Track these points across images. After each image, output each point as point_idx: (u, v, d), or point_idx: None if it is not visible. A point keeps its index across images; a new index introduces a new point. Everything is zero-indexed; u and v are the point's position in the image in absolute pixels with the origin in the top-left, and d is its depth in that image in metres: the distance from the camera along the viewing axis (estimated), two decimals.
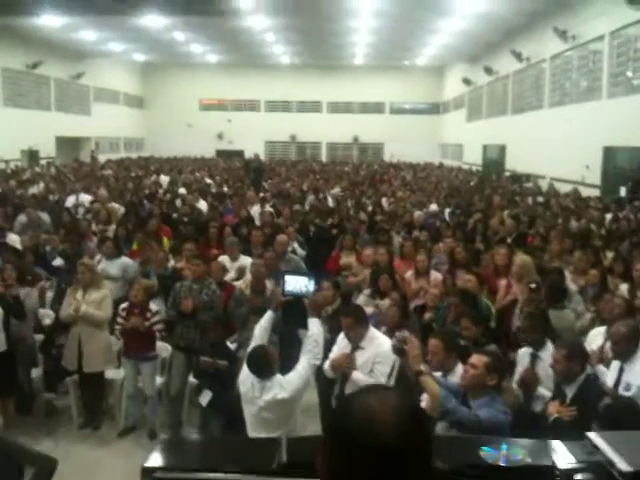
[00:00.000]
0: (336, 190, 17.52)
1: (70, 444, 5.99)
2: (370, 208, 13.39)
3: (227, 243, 8.02)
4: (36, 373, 6.52)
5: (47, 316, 7.09)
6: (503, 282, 6.80)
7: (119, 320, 6.10)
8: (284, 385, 4.23)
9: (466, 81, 31.29)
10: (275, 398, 4.20)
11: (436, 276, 7.43)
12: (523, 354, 4.70)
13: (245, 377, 4.33)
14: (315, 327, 4.42)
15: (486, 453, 1.82)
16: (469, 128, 32.10)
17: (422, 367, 3.63)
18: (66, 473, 5.42)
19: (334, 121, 39.09)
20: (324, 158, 39.21)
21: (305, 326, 4.51)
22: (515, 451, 1.83)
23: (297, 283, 4.48)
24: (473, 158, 30.29)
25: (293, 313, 5.01)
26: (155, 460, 1.84)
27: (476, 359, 3.57)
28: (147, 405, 6.28)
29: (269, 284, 6.39)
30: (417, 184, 19.99)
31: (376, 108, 40.05)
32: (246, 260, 7.45)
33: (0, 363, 5.72)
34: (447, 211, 13.15)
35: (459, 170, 28.37)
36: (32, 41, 26.21)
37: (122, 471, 5.27)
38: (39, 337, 6.71)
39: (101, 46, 29.60)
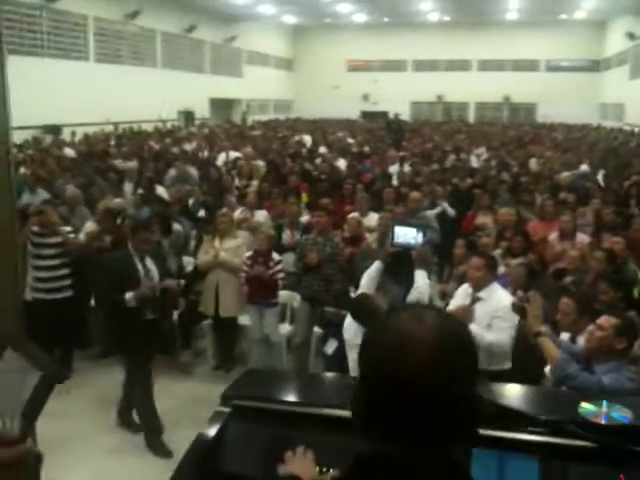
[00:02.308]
0: (481, 150, 16.96)
1: (204, 384, 6.34)
2: (516, 169, 12.82)
3: (357, 198, 8.05)
4: (176, 316, 6.94)
5: (189, 263, 7.50)
6: None
7: (244, 268, 6.32)
8: None
9: (630, 35, 28.78)
10: None
11: (582, 238, 6.99)
12: None
13: (349, 324, 4.35)
14: (421, 279, 4.36)
15: (585, 409, 1.68)
16: (632, 86, 29.55)
17: (542, 328, 3.42)
18: (196, 412, 5.79)
19: (484, 80, 37.52)
20: (472, 119, 37.93)
21: (412, 277, 4.45)
22: (617, 409, 1.66)
23: (406, 234, 4.42)
24: (636, 118, 27.92)
25: (401, 264, 4.95)
26: (235, 388, 1.89)
27: (604, 320, 3.30)
28: (274, 351, 6.50)
29: None
30: (570, 145, 18.83)
31: (530, 66, 37.88)
32: (374, 217, 7.43)
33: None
34: (601, 173, 12.30)
35: (619, 131, 26.31)
36: (187, 6, 27.42)
37: None
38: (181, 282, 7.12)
39: (252, 9, 30.38)
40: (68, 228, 6.39)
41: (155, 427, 5.20)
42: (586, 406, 1.68)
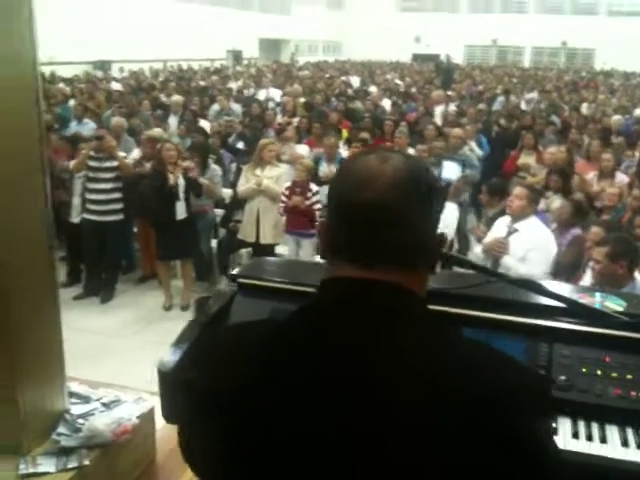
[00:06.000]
0: (532, 94, 16.58)
1: None
2: (567, 113, 12.52)
3: (397, 133, 8.03)
4: (215, 244, 7.13)
5: (228, 195, 7.64)
6: None
7: (282, 198, 6.42)
8: None
9: None
10: None
11: (622, 178, 6.88)
12: None
13: None
14: (449, 211, 4.35)
15: (581, 297, 1.71)
16: None
17: None
18: None
19: (541, 23, 36.04)
20: (527, 64, 36.69)
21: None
22: (611, 298, 1.70)
23: (451, 169, 4.46)
24: None
25: None
26: (241, 269, 2.04)
27: (596, 253, 3.27)
28: None
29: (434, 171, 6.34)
30: (627, 91, 18.20)
31: (589, 9, 36.17)
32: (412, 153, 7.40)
33: (182, 229, 6.30)
34: None
35: None
36: None
37: None
38: (220, 212, 7.28)
39: None
40: (123, 154, 6.64)
41: None
42: (582, 296, 1.72)
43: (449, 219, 4.40)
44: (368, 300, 0.92)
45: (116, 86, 15.03)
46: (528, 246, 4.53)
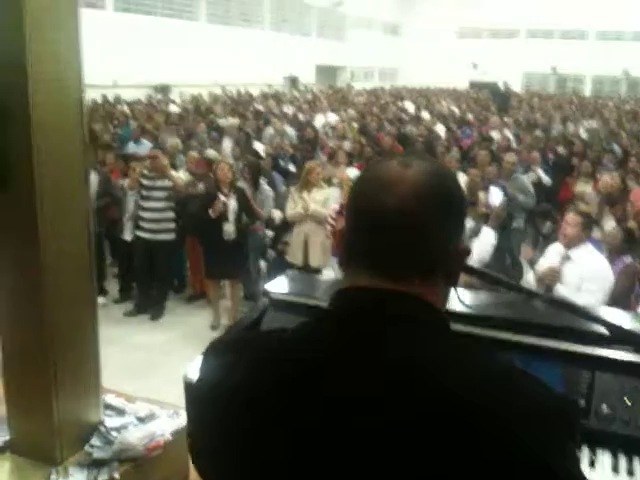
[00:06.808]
0: (591, 122, 16.27)
1: None
2: (626, 141, 12.21)
3: (447, 158, 8.00)
4: (264, 264, 7.15)
5: (278, 216, 7.69)
6: None
7: (330, 221, 6.40)
8: None
9: None
10: None
11: None
12: None
13: None
14: (485, 235, 4.27)
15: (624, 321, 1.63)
16: None
17: None
18: None
19: (601, 51, 35.39)
20: (587, 93, 36.01)
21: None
22: None
23: (495, 194, 4.43)
24: None
25: None
26: (275, 285, 2.04)
27: None
28: None
29: (483, 196, 6.24)
30: None
31: None
32: (463, 178, 7.34)
33: (231, 249, 6.36)
34: None
35: None
36: None
37: None
38: (270, 233, 7.32)
39: None
40: (176, 173, 6.78)
41: None
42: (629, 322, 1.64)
43: (485, 244, 4.31)
44: (381, 311, 0.89)
45: (174, 109, 15.45)
46: (583, 275, 4.37)
